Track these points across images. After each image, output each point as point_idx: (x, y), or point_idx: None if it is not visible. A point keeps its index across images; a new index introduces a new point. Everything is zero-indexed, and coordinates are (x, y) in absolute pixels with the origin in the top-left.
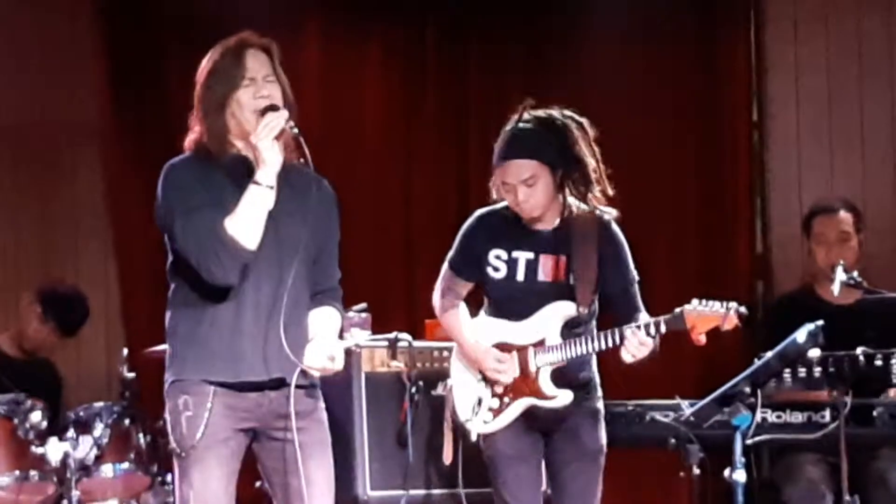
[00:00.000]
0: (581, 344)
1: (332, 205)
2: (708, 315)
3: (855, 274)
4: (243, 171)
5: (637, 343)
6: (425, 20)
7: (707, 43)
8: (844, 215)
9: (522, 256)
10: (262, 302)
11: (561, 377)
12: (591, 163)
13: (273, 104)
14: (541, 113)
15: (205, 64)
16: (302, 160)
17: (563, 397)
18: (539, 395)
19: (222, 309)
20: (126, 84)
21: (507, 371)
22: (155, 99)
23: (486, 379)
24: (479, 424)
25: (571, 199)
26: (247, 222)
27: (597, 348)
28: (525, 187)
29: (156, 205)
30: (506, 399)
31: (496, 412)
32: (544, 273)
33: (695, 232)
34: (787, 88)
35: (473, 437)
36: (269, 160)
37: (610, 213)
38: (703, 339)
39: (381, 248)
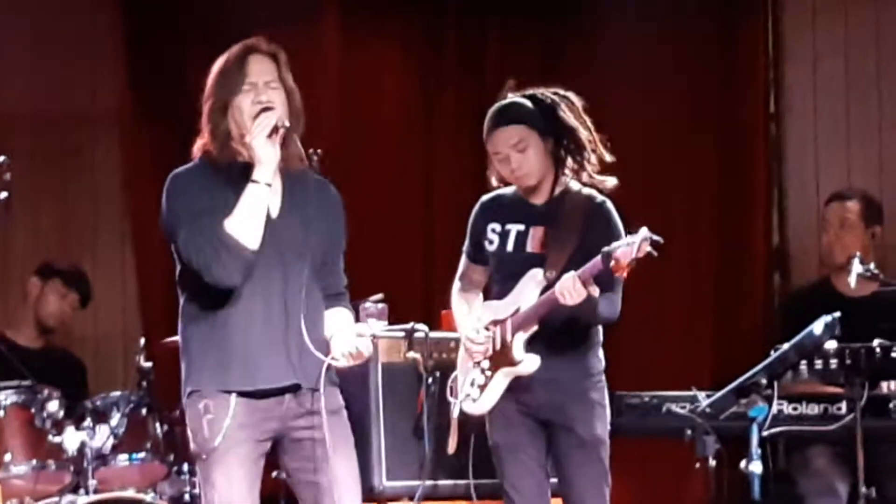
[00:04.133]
0: (542, 303)
1: (340, 211)
2: (624, 250)
3: (871, 266)
4: (247, 177)
5: (570, 286)
6: (444, 9)
7: (724, 33)
8: (852, 204)
9: (514, 228)
10: (273, 310)
11: (548, 346)
12: (583, 133)
13: (267, 106)
14: (524, 92)
15: (213, 70)
16: (305, 163)
17: (529, 362)
18: (511, 362)
19: (232, 320)
20: (145, 73)
21: (480, 347)
22: (174, 88)
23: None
24: (469, 403)
25: (567, 178)
26: (245, 221)
27: (545, 301)
28: (517, 153)
29: (161, 215)
30: (488, 373)
31: (482, 388)
32: (532, 244)
33: (711, 223)
34: (804, 78)
35: (455, 415)
36: (264, 158)
37: (610, 182)
38: (624, 274)
39: (398, 238)
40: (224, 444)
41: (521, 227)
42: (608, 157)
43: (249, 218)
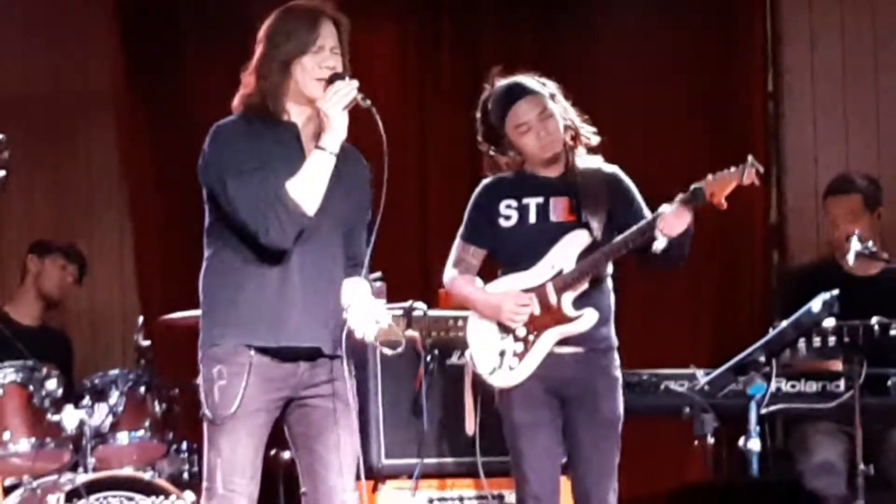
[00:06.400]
0: (598, 256)
1: (368, 183)
2: (725, 178)
3: (870, 244)
4: (290, 138)
5: (672, 217)
6: None
7: (723, 14)
8: (854, 197)
9: (533, 201)
10: (306, 270)
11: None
12: (571, 110)
13: (339, 73)
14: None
15: (272, 22)
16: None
17: (588, 317)
18: (563, 320)
19: (268, 274)
20: (140, 52)
21: (527, 310)
22: (169, 67)
23: (506, 330)
24: (505, 374)
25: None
26: (309, 187)
27: (617, 251)
28: (541, 122)
29: (201, 166)
30: (530, 338)
31: (521, 355)
32: (556, 214)
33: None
34: (802, 59)
35: (498, 384)
36: (337, 127)
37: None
38: (724, 204)
39: (395, 217)
40: (235, 412)
41: (540, 199)
42: (595, 139)
43: (313, 184)
